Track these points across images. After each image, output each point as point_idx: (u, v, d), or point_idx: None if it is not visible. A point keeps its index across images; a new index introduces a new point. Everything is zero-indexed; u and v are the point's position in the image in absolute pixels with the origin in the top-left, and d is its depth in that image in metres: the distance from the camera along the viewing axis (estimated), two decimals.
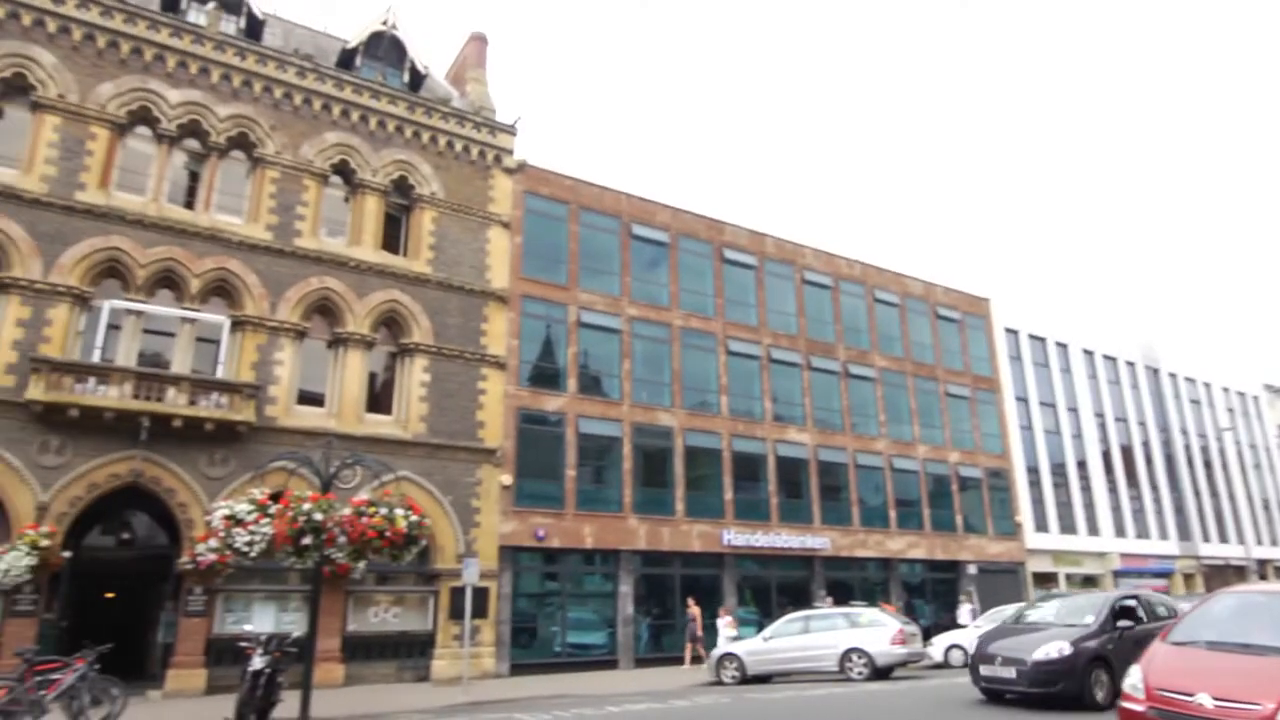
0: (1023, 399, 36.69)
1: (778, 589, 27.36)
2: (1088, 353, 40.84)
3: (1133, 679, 7.09)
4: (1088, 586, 34.43)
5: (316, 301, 21.11)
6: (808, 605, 24.99)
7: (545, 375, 24.67)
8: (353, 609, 19.76)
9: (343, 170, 22.53)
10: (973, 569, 31.82)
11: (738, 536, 26.40)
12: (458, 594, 19.60)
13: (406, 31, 25.08)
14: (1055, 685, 11.13)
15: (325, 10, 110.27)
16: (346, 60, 24.30)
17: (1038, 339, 38.76)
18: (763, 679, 19.10)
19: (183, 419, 18.04)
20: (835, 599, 25.87)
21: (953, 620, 27.61)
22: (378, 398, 22.19)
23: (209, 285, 19.75)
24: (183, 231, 19.63)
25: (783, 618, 20.57)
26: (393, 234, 23.36)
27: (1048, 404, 37.76)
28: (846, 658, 18.22)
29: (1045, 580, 34.14)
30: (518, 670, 21.53)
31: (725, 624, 22.87)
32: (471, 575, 18.31)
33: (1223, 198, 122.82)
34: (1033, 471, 35.67)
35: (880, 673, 18.00)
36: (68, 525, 16.92)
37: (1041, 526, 35.10)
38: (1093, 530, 37.10)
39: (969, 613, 26.89)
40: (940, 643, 22.29)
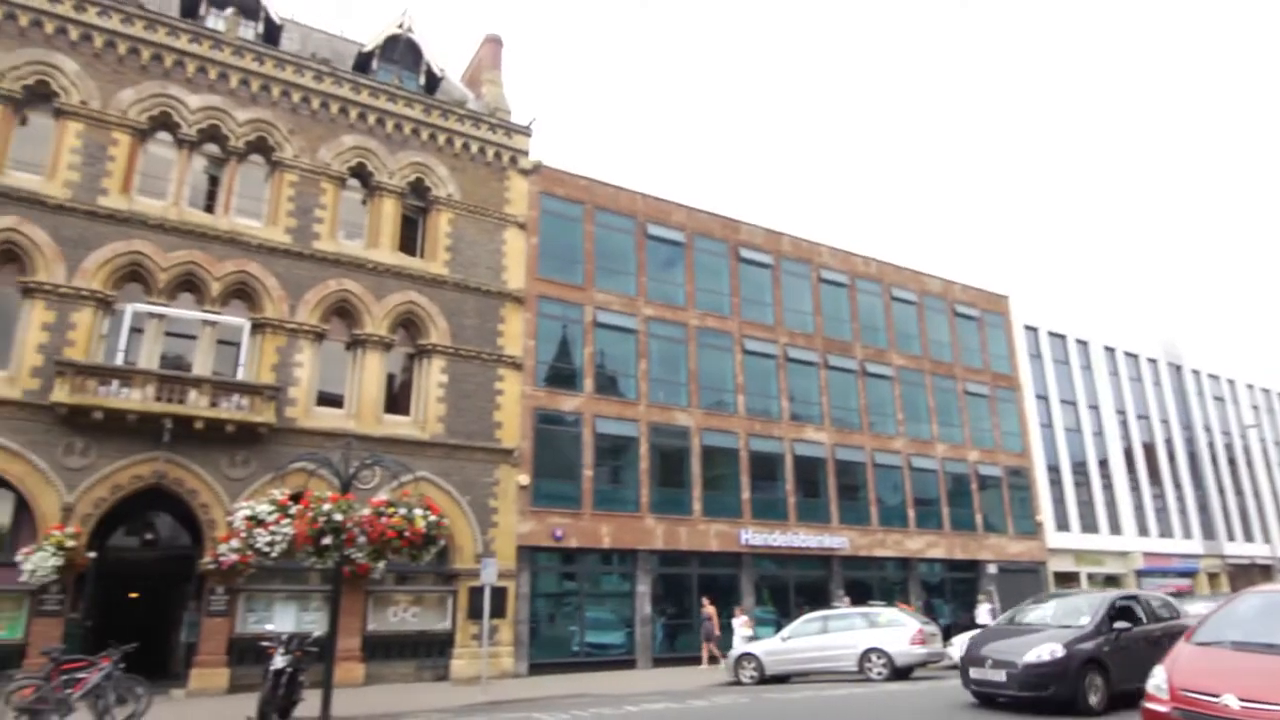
0: (1043, 397, 36.37)
1: (796, 589, 27.29)
2: (1109, 350, 40.41)
3: (1157, 679, 7.01)
4: (1110, 586, 34.09)
5: (335, 303, 21.29)
6: (826, 605, 24.91)
7: (562, 375, 24.73)
8: (372, 609, 19.93)
9: (360, 173, 22.71)
10: (993, 568, 31.59)
11: (755, 536, 26.35)
12: (476, 594, 19.68)
13: (422, 34, 25.21)
14: (1046, 689, 10.69)
15: (341, 14, 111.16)
16: (363, 64, 24.47)
17: (1058, 336, 38.41)
18: (781, 679, 19.05)
19: (204, 421, 18.26)
20: (853, 599, 25.79)
21: (972, 620, 27.41)
22: (396, 399, 22.34)
23: (229, 288, 19.97)
24: (203, 235, 19.87)
25: (801, 617, 20.52)
26: (410, 236, 23.52)
27: (1068, 402, 37.40)
28: (866, 658, 18.17)
29: (1067, 580, 33.82)
30: (536, 670, 21.61)
31: (741, 624, 22.79)
32: (490, 575, 18.37)
33: (1245, 192, 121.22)
34: (1053, 470, 35.35)
35: (900, 673, 17.93)
36: (92, 526, 17.16)
37: (1063, 525, 34.79)
38: (1115, 529, 36.73)
39: (988, 612, 26.72)
40: (960, 643, 22.07)
